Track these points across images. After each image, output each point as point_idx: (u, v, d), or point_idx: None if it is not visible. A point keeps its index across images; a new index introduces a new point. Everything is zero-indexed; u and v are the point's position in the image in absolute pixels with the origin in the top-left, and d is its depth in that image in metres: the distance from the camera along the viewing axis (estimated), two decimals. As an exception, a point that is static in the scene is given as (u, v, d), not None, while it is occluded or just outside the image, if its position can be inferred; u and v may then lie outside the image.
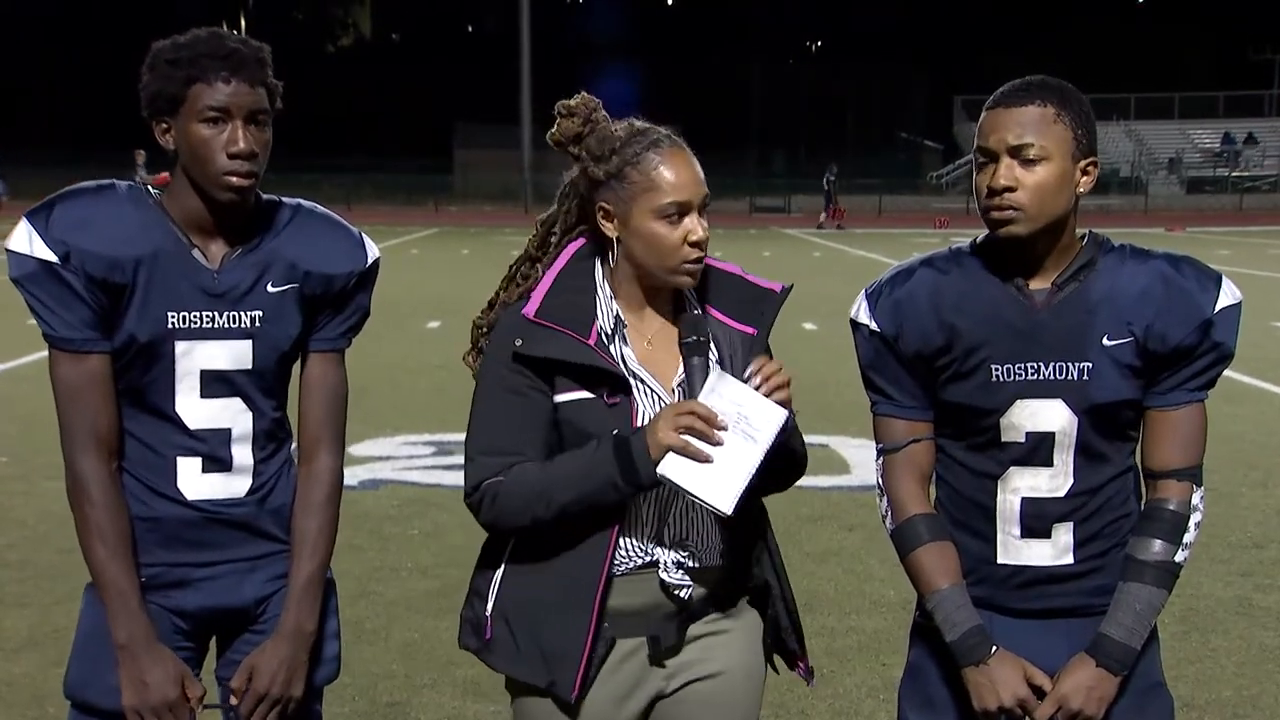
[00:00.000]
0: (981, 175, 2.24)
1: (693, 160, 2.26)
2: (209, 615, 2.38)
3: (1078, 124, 2.21)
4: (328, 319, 2.42)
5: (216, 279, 2.29)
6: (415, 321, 14.17)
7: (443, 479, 7.22)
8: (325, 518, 2.42)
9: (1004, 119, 2.20)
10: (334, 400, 2.44)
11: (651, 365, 2.29)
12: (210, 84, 2.20)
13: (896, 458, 2.38)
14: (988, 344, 2.26)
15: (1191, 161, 55.32)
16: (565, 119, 2.30)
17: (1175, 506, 2.27)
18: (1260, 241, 29.38)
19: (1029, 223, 2.20)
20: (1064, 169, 2.19)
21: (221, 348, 2.30)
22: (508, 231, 33.32)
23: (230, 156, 2.21)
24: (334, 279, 2.39)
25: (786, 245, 28.31)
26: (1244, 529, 6.29)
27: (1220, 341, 2.24)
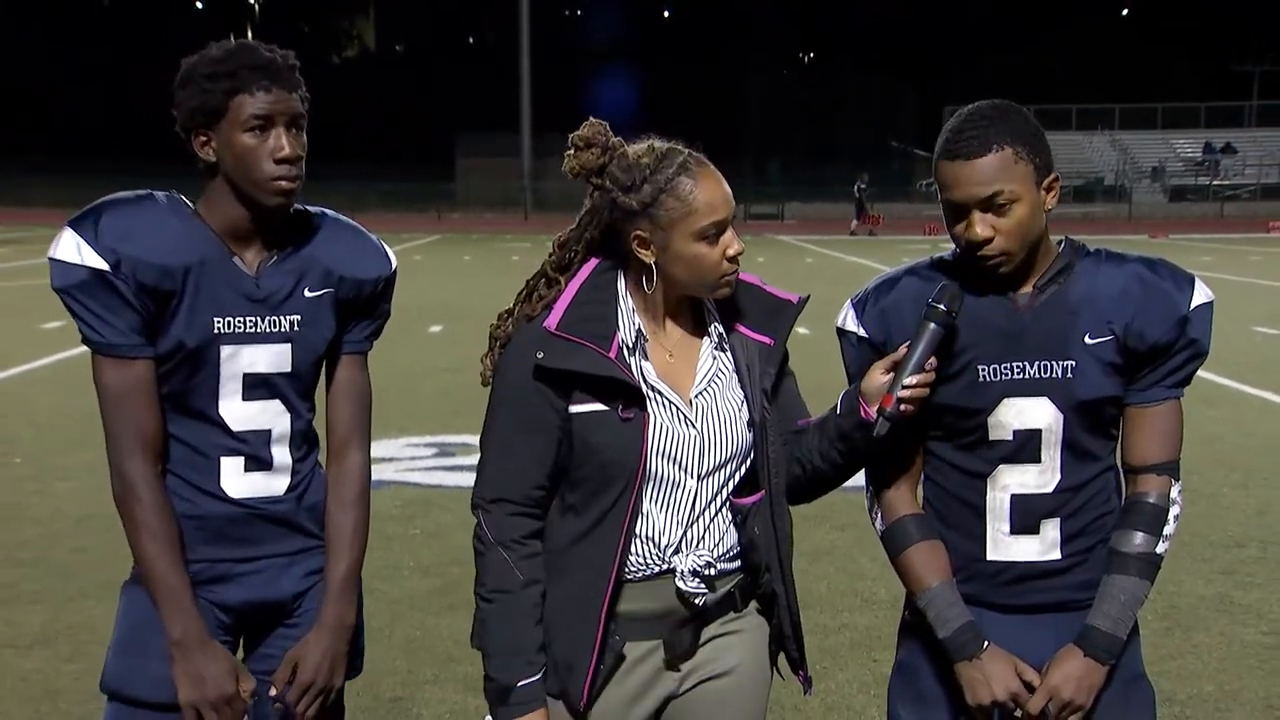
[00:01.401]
0: (955, 226, 2.23)
1: (720, 177, 2.25)
2: (250, 609, 2.40)
3: (1034, 153, 2.19)
4: (356, 323, 2.46)
5: (258, 285, 2.31)
6: (419, 326, 14.18)
7: (445, 480, 7.22)
8: (360, 513, 2.47)
9: (966, 174, 2.17)
10: (362, 401, 2.50)
11: (671, 378, 2.28)
12: (252, 94, 2.23)
13: (885, 461, 2.38)
14: (974, 346, 2.26)
15: (1174, 170, 55.44)
16: (583, 151, 2.26)
17: (1155, 500, 2.28)
18: (1241, 248, 29.44)
19: (1013, 260, 2.21)
20: (1034, 201, 2.19)
21: (264, 351, 2.32)
22: (508, 238, 33.35)
23: (277, 162, 2.24)
24: (365, 284, 2.43)
25: (780, 252, 28.34)
26: (1224, 528, 6.30)
27: (1196, 338, 2.26)
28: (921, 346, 2.21)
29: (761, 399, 2.31)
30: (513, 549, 2.23)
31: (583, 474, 2.23)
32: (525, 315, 2.31)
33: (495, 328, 2.35)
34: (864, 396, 2.25)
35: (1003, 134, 2.17)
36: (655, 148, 2.25)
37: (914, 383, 2.20)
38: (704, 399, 2.29)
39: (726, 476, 2.31)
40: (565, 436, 2.23)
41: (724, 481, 2.31)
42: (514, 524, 2.24)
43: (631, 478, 2.21)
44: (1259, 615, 5.12)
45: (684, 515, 2.28)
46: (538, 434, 2.22)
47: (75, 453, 7.62)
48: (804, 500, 2.44)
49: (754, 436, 2.32)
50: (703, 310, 2.35)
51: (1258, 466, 7.60)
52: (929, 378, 2.21)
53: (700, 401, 2.29)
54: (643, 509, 2.25)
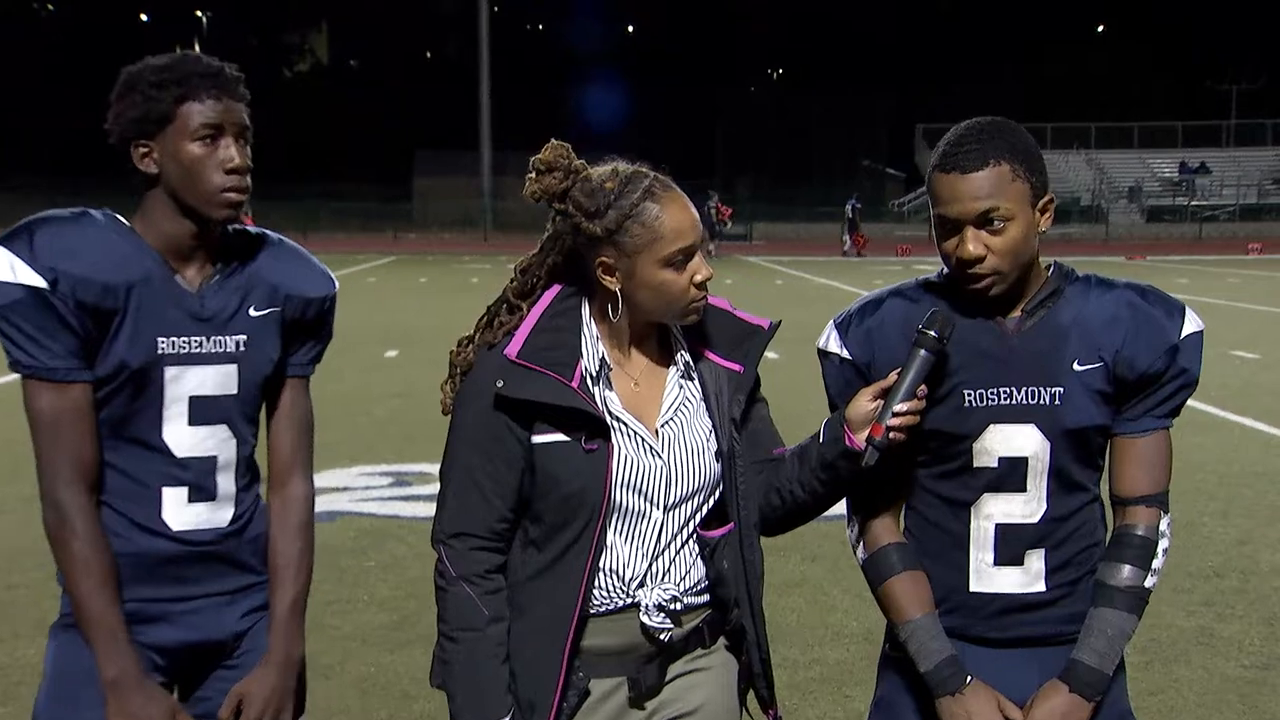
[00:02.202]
0: (947, 242, 2.23)
1: (687, 201, 2.25)
2: (187, 651, 2.35)
3: (1031, 171, 2.20)
4: (300, 344, 2.45)
5: (202, 303, 2.29)
6: (372, 350, 14.11)
7: (400, 510, 7.17)
8: (304, 542, 2.43)
9: (962, 187, 2.18)
10: (305, 426, 2.47)
11: (636, 407, 2.28)
12: (202, 101, 2.21)
13: (868, 487, 2.38)
14: (960, 370, 2.27)
15: (1151, 190, 56.07)
16: (544, 175, 2.25)
17: (1144, 532, 2.29)
18: (1219, 270, 29.78)
19: (1005, 281, 2.22)
20: (1028, 221, 2.20)
21: (210, 373, 2.30)
22: (467, 259, 33.31)
23: (227, 173, 2.23)
24: (311, 303, 2.42)
25: (749, 273, 28.44)
26: (1205, 559, 6.34)
27: (1186, 367, 2.27)
28: (912, 373, 2.21)
29: (730, 428, 2.31)
30: (476, 584, 2.21)
31: (545, 506, 2.22)
32: (486, 343, 2.30)
33: (455, 355, 2.33)
34: (850, 424, 2.25)
35: (1001, 149, 2.18)
36: (619, 171, 2.25)
37: (905, 410, 2.20)
38: (670, 429, 2.29)
39: (694, 508, 2.31)
40: (528, 467, 2.22)
41: (691, 513, 2.31)
42: (477, 558, 2.22)
43: (595, 510, 2.20)
44: (1240, 648, 5.16)
45: (650, 548, 2.27)
46: (500, 465, 2.21)
47: (7, 485, 7.53)
48: (781, 531, 2.44)
49: (722, 467, 2.31)
50: (669, 337, 2.35)
51: (1238, 495, 7.66)
52: (920, 405, 2.22)
53: (666, 431, 2.28)
54: (607, 542, 2.25)
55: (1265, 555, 6.42)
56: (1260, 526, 6.96)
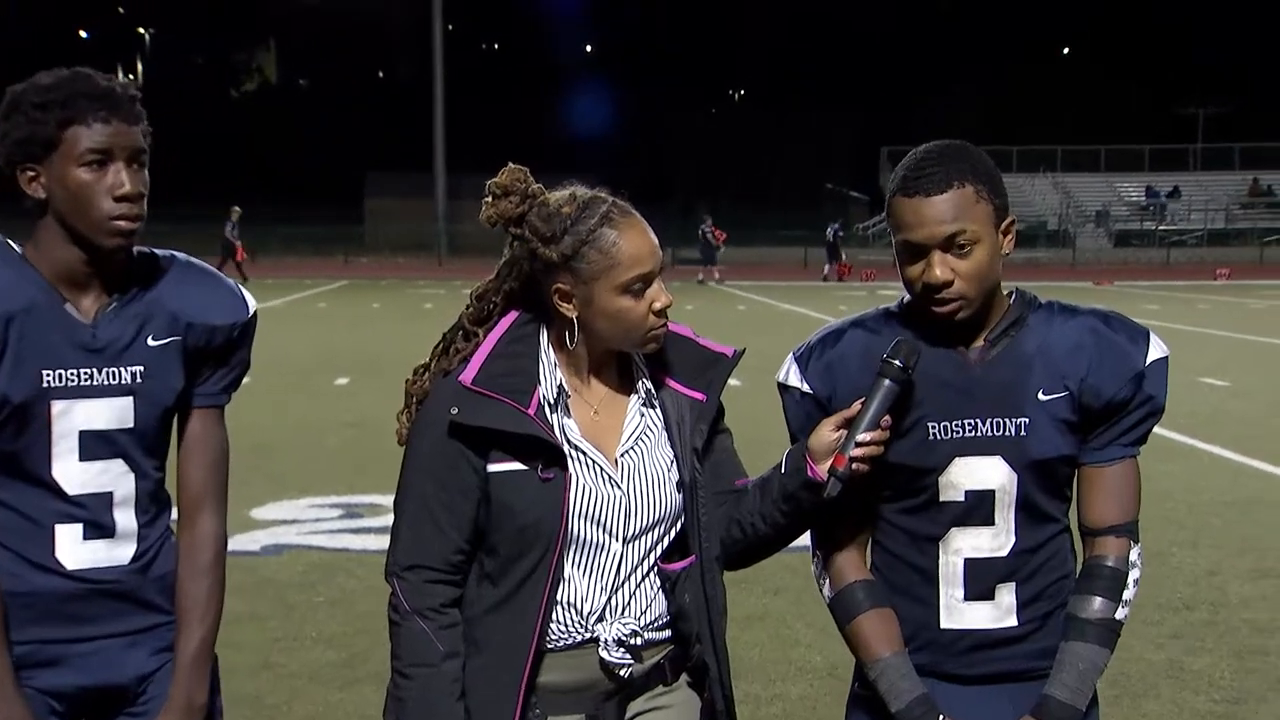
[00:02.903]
0: (912, 268, 2.24)
1: (646, 227, 2.26)
2: (86, 696, 2.29)
3: (994, 193, 2.23)
4: (209, 373, 2.38)
5: (94, 334, 2.23)
6: (323, 378, 14.04)
7: (351, 543, 7.13)
8: (213, 582, 2.37)
9: (926, 211, 2.19)
10: (217, 459, 2.40)
11: (595, 436, 2.28)
12: (89, 125, 2.16)
13: (831, 523, 2.38)
14: (924, 402, 2.28)
15: (1119, 214, 56.66)
16: (500, 200, 2.25)
17: (1114, 563, 2.30)
18: (1188, 296, 30.10)
19: (971, 306, 2.23)
20: (993, 243, 2.23)
21: (101, 406, 2.24)
22: (421, 284, 33.20)
23: (117, 200, 2.17)
24: (217, 331, 2.35)
25: (710, 298, 28.50)
26: (1174, 590, 6.39)
27: (1152, 394, 2.29)
28: (876, 403, 2.21)
29: (692, 458, 2.31)
30: (431, 618, 2.21)
31: (500, 538, 2.22)
32: (441, 370, 2.30)
33: (411, 384, 2.33)
34: (812, 455, 2.26)
35: (964, 172, 2.20)
36: (577, 196, 2.26)
37: (868, 440, 2.20)
38: (630, 458, 2.29)
39: (654, 540, 2.31)
40: (484, 497, 2.22)
41: (651, 545, 2.31)
42: (432, 592, 2.22)
43: (552, 541, 2.20)
44: (1210, 682, 5.20)
45: (609, 581, 2.27)
46: (455, 495, 2.21)
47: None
48: (744, 564, 2.44)
49: (684, 498, 2.32)
50: (630, 364, 2.35)
51: (1207, 525, 7.72)
52: (883, 436, 2.22)
53: (626, 461, 2.29)
54: (564, 574, 2.25)
55: (1235, 586, 6.47)
56: (1230, 557, 7.02)
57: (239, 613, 5.63)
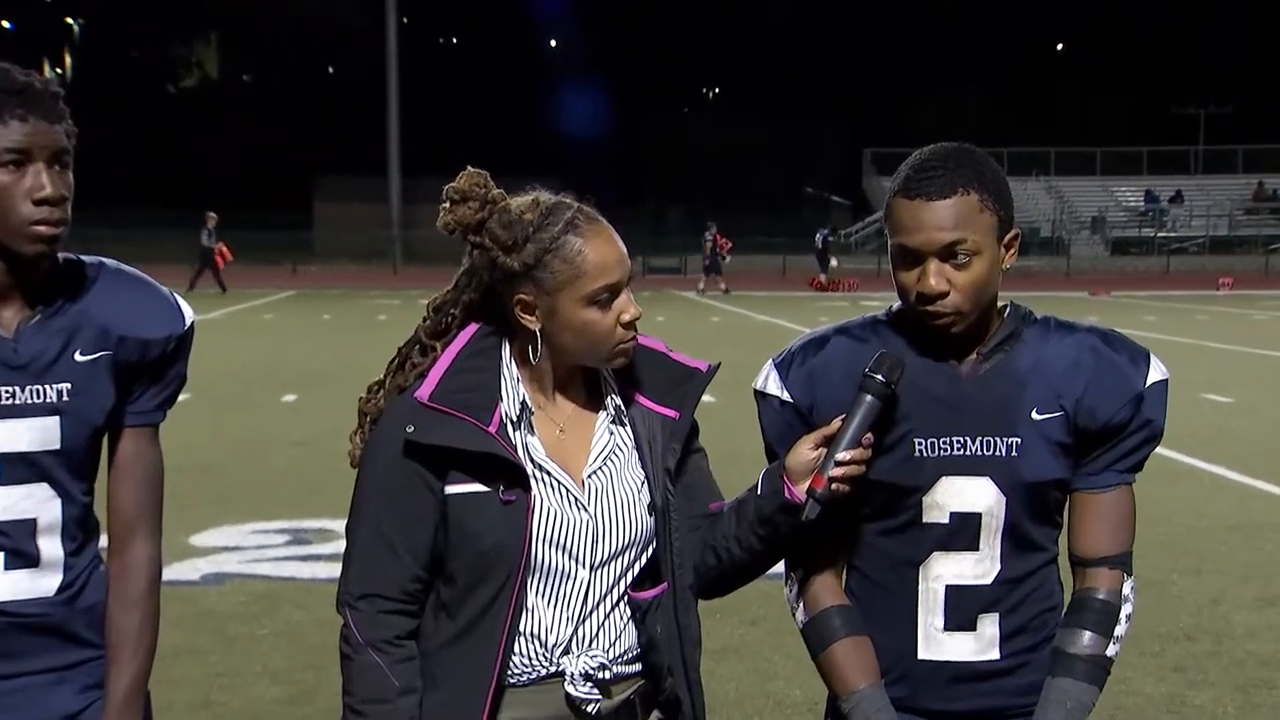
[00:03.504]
0: (906, 275, 2.25)
1: (614, 234, 2.26)
2: None
3: (999, 203, 2.25)
4: (143, 390, 2.35)
5: (16, 349, 2.21)
6: (269, 394, 13.99)
7: (298, 571, 7.10)
8: (146, 613, 2.34)
9: (927, 216, 2.21)
10: (150, 481, 2.37)
11: (561, 456, 2.28)
12: (5, 123, 2.13)
13: (807, 544, 2.38)
14: (911, 416, 2.29)
15: (1116, 220, 57.05)
16: (458, 205, 2.25)
17: (1106, 596, 2.31)
18: (1188, 307, 30.30)
19: (966, 320, 2.25)
20: (994, 256, 2.24)
21: (24, 427, 2.21)
22: (374, 294, 33.12)
23: (37, 203, 2.14)
24: (150, 344, 2.32)
25: (683, 309, 28.56)
26: (1175, 620, 6.42)
27: (1151, 418, 2.30)
28: (858, 420, 2.22)
29: (665, 479, 2.32)
30: (386, 651, 2.20)
31: (459, 564, 2.22)
32: (397, 386, 2.31)
33: (365, 402, 2.33)
34: (789, 475, 2.27)
35: (970, 178, 2.22)
36: (540, 201, 2.26)
37: (849, 459, 2.21)
38: (598, 479, 2.29)
39: (624, 567, 2.31)
40: (441, 521, 2.22)
41: (621, 572, 2.31)
42: (387, 623, 2.21)
43: (514, 568, 2.20)
44: (1213, 718, 5.23)
45: (575, 610, 2.27)
46: (412, 519, 2.21)
47: None
48: (720, 593, 2.45)
49: (655, 522, 2.32)
50: (599, 380, 2.36)
51: (1209, 551, 7.77)
52: (865, 455, 2.23)
53: (594, 482, 2.29)
54: (527, 603, 2.24)
55: (1240, 616, 6.51)
56: (1234, 584, 7.06)
57: (176, 646, 5.59)
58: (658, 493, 2.31)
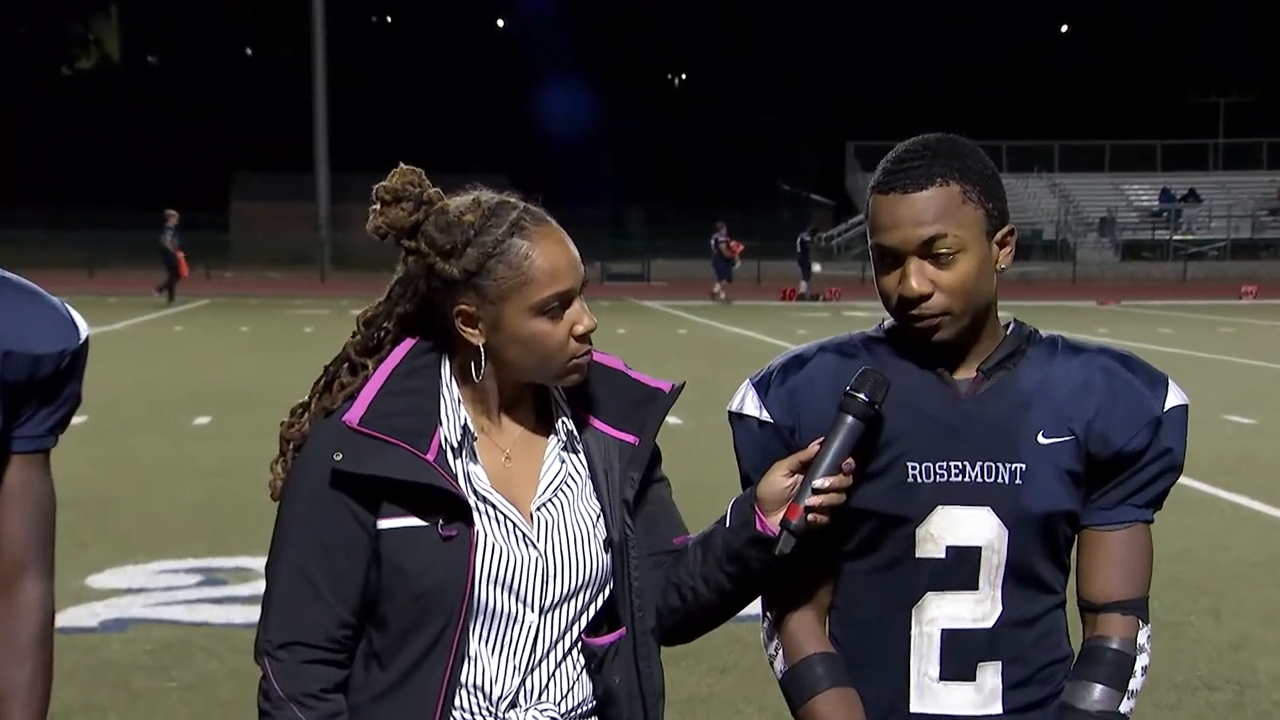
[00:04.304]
0: (887, 278, 2.27)
1: (565, 237, 2.26)
2: None
3: (987, 195, 2.26)
4: (32, 411, 2.31)
5: None
6: (179, 416, 13.91)
7: (211, 615, 7.05)
8: (39, 662, 2.31)
9: (903, 210, 2.23)
10: (41, 514, 2.33)
11: (507, 487, 2.28)
12: None
13: (787, 584, 2.39)
14: (904, 437, 2.29)
15: (1126, 222, 57.46)
16: (390, 207, 2.25)
17: (1119, 646, 2.31)
18: (1207, 318, 30.52)
19: (954, 325, 2.25)
20: (982, 254, 2.25)
21: None
22: (299, 303, 33.02)
23: None
24: (41, 360, 2.28)
25: (646, 320, 28.56)
26: (1192, 667, 6.44)
27: (1170, 447, 2.31)
28: (837, 443, 2.22)
29: (623, 512, 2.32)
30: (310, 706, 2.19)
31: (392, 608, 2.22)
32: (323, 409, 2.30)
33: (287, 427, 2.33)
34: (761, 505, 2.27)
35: (950, 168, 2.23)
36: (481, 201, 2.26)
37: (827, 487, 2.21)
38: (548, 512, 2.29)
39: (577, 610, 2.31)
40: (374, 559, 2.22)
41: (574, 616, 2.31)
42: (311, 674, 2.20)
43: (454, 611, 2.20)
44: (1237, 773, 5.25)
45: (523, 659, 2.27)
46: (339, 557, 2.21)
47: None
48: (685, 638, 2.45)
49: (612, 560, 2.32)
50: (549, 401, 2.36)
51: (1231, 590, 7.79)
52: (845, 482, 2.23)
53: (543, 515, 2.29)
54: (469, 651, 2.24)
55: (1264, 662, 6.54)
56: (1257, 628, 7.09)
57: (70, 703, 5.55)
58: (615, 528, 2.31)
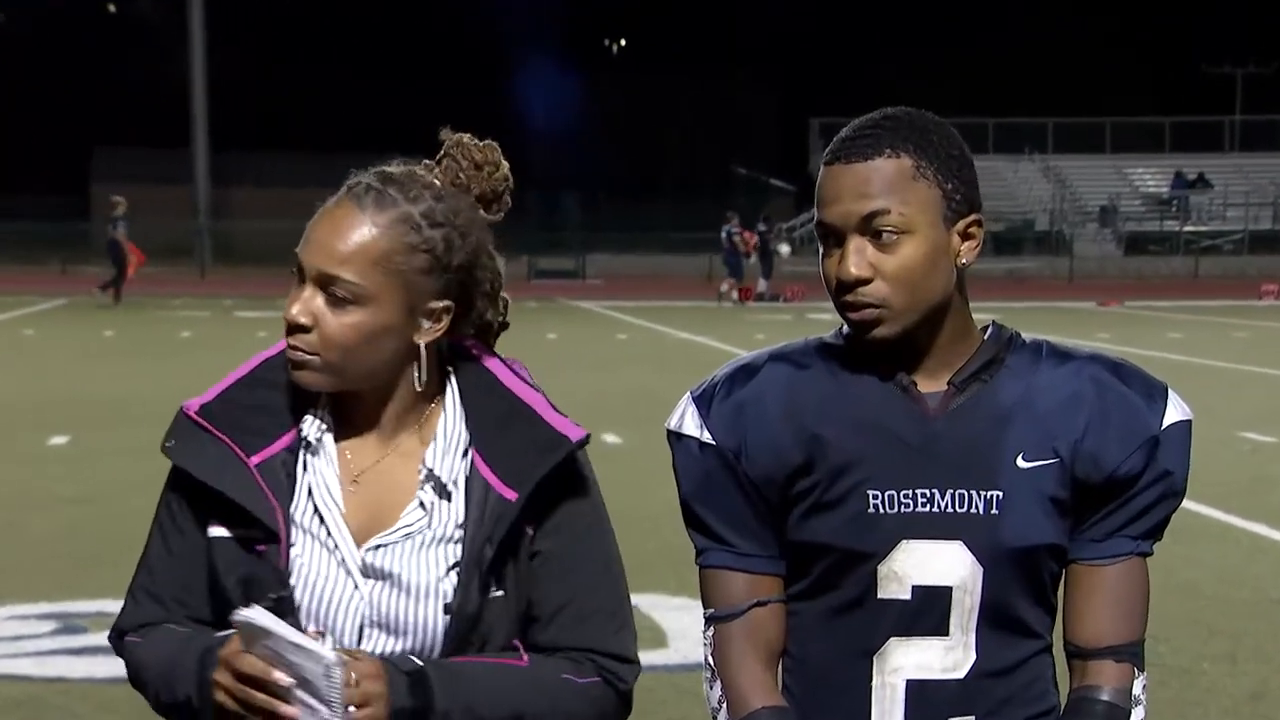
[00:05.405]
0: (828, 260, 2.29)
1: (347, 214, 2.24)
2: None
3: (946, 174, 2.26)
4: None
5: None
6: (30, 436, 13.77)
7: (71, 669, 6.98)
8: None
9: (845, 182, 2.24)
10: None
11: (356, 512, 2.28)
12: None
13: (733, 628, 2.38)
14: (864, 461, 2.29)
15: (1131, 211, 57.82)
16: None
17: (1111, 697, 2.32)
18: (1221, 320, 30.72)
19: (897, 321, 2.25)
20: (934, 241, 2.25)
21: None
22: (175, 304, 32.81)
23: None
24: None
25: (580, 323, 28.51)
26: (1205, 718, 6.50)
27: (1169, 470, 2.31)
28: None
29: (477, 579, 2.26)
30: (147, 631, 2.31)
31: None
32: None
33: None
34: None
35: (905, 140, 2.25)
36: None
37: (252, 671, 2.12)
38: (387, 554, 2.27)
39: None
40: (212, 571, 2.28)
41: None
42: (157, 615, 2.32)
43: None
44: (1256, 842, 5.29)
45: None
46: (181, 561, 2.29)
47: None
48: None
49: (454, 628, 2.26)
50: (440, 423, 2.33)
51: (1249, 631, 7.80)
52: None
53: (381, 556, 2.27)
54: None
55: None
56: (1277, 674, 7.13)
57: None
58: (466, 594, 2.27)
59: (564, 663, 2.29)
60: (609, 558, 2.39)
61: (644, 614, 7.11)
